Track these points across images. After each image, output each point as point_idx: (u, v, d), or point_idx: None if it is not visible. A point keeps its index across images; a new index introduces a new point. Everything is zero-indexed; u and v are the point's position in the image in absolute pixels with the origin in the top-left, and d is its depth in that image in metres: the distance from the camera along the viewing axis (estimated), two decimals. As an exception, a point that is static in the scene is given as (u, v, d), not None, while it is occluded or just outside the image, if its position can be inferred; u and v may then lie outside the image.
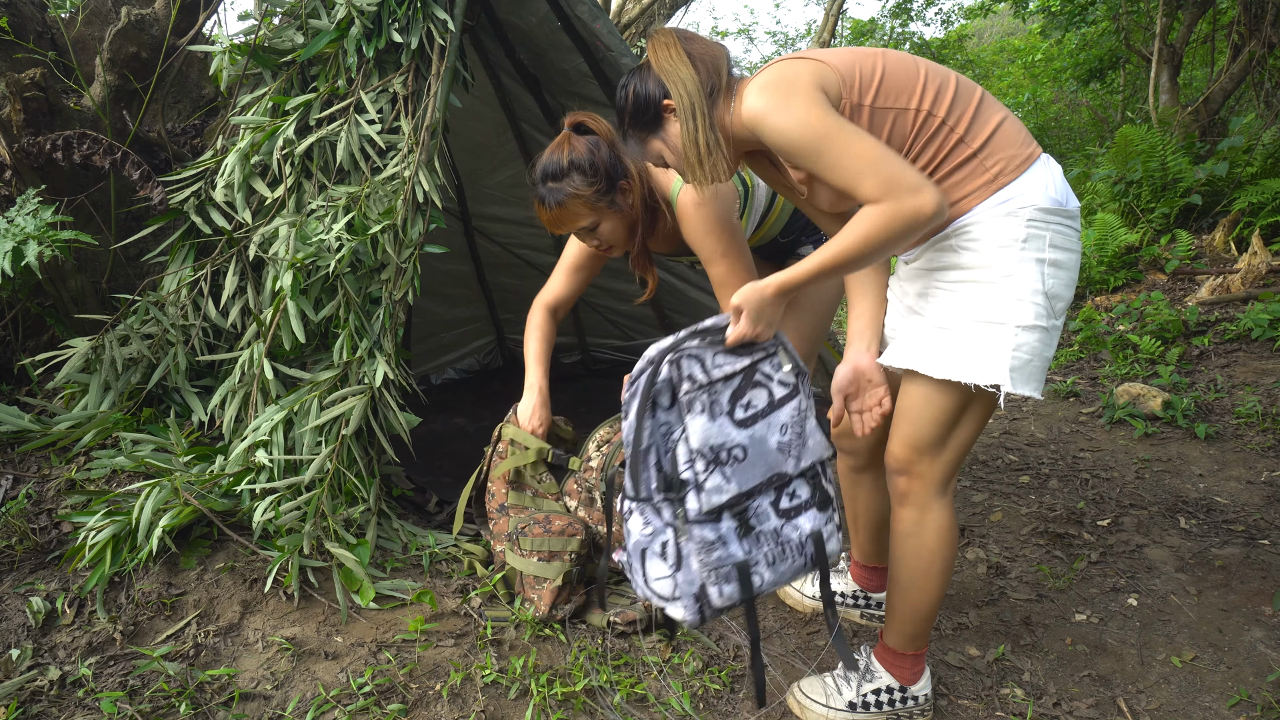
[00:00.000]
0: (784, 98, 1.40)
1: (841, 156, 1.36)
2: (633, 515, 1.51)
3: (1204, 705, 1.73)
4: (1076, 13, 7.78)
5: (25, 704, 1.62)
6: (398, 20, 2.53)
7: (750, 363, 1.51)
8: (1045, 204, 1.44)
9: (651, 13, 9.68)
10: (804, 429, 1.54)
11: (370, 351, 2.32)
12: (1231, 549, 2.32)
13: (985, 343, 1.46)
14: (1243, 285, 4.39)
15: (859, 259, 1.40)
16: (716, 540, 1.45)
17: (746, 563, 1.46)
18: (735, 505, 1.48)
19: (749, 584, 1.46)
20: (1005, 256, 1.44)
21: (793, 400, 1.53)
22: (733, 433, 1.48)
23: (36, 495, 2.21)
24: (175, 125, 2.95)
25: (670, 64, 1.51)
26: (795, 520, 1.52)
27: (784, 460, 1.52)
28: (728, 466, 1.46)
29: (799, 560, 1.52)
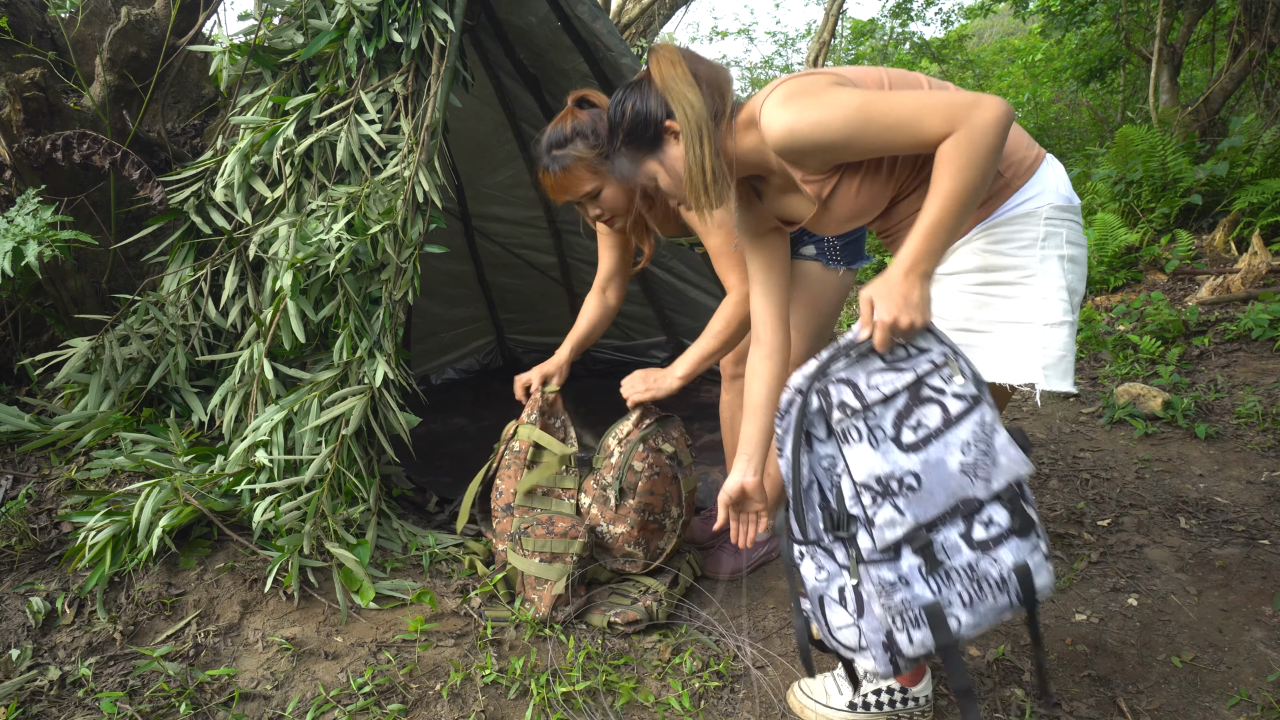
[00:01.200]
0: (811, 99, 1.38)
1: (889, 117, 1.33)
2: (804, 560, 1.39)
3: (1204, 705, 1.73)
4: (1076, 13, 7.77)
5: (25, 704, 1.62)
6: (398, 20, 2.53)
7: (915, 378, 1.35)
8: (1059, 201, 1.46)
9: (651, 13, 9.68)
10: (991, 445, 1.34)
11: (370, 351, 2.32)
12: (1232, 549, 2.32)
13: (1017, 343, 1.45)
14: (1243, 285, 4.39)
15: (972, 193, 1.31)
16: (898, 581, 1.30)
17: (938, 604, 1.29)
18: (916, 540, 1.31)
19: (944, 628, 1.29)
20: (1029, 256, 1.45)
21: (973, 413, 1.34)
22: (901, 459, 1.32)
23: (36, 495, 2.21)
24: (175, 125, 2.95)
25: (676, 84, 1.46)
26: (993, 552, 1.32)
27: (970, 484, 1.33)
28: (900, 497, 1.30)
29: (1001, 599, 1.32)
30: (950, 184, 1.29)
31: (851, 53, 13.68)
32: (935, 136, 1.31)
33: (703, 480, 2.78)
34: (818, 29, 10.85)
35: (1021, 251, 1.46)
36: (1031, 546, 1.33)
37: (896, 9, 12.56)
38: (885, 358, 1.36)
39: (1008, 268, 1.46)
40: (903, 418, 1.33)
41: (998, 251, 1.47)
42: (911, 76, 1.50)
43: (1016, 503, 1.35)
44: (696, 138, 1.45)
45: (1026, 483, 1.37)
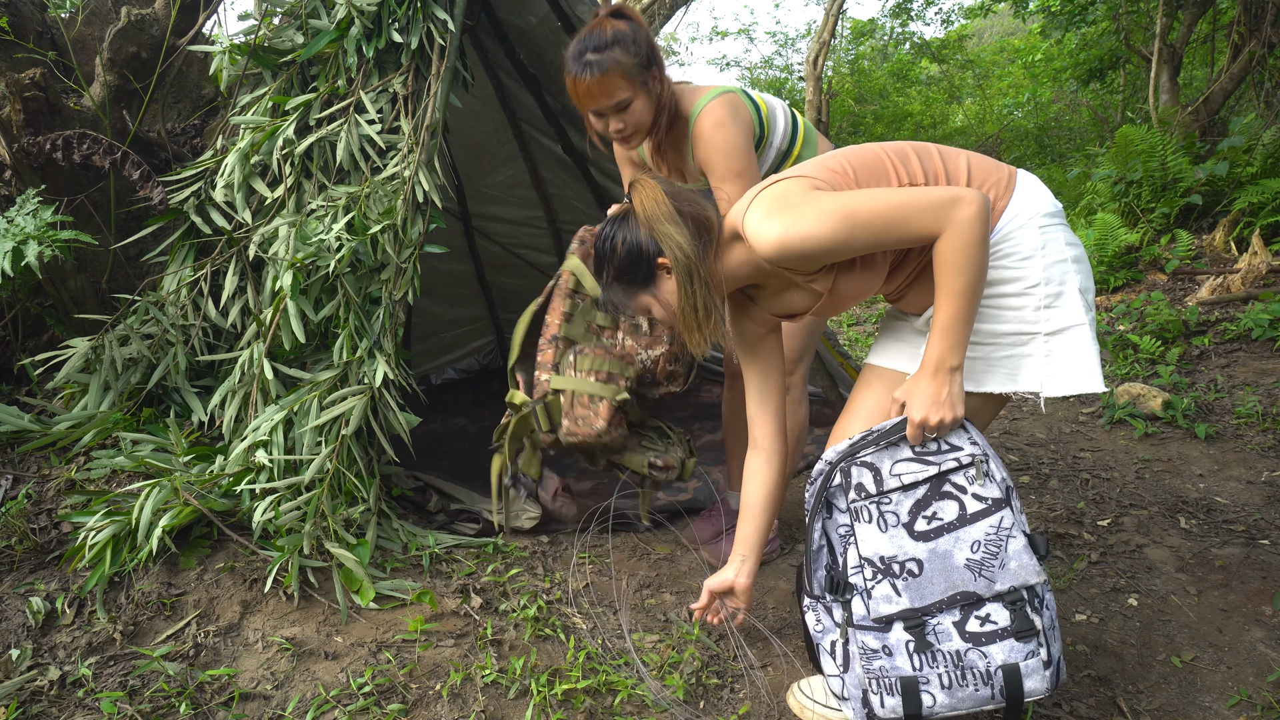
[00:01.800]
0: (794, 211, 1.42)
1: (876, 222, 1.40)
2: (808, 611, 1.54)
3: (1204, 705, 1.73)
4: (1076, 13, 7.78)
5: (25, 704, 1.62)
6: (398, 20, 2.53)
7: (938, 472, 1.45)
8: (1046, 209, 1.51)
9: (652, 13, 9.68)
10: (1003, 549, 1.43)
11: (370, 351, 2.32)
12: (1231, 549, 2.32)
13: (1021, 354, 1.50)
14: (1243, 285, 4.39)
15: (975, 287, 1.40)
16: (880, 650, 1.42)
17: (914, 679, 1.40)
18: (909, 619, 1.42)
19: (915, 700, 1.39)
20: (1030, 267, 1.49)
21: (990, 516, 1.43)
22: (908, 545, 1.43)
23: (36, 495, 2.21)
24: (175, 125, 2.95)
25: (661, 225, 1.51)
26: (984, 647, 1.40)
27: (972, 579, 1.42)
28: (900, 579, 1.42)
29: (984, 690, 1.39)
30: (954, 282, 1.39)
31: (851, 53, 13.69)
32: (924, 235, 1.40)
33: (702, 480, 2.78)
34: (818, 29, 10.85)
35: (1023, 264, 1.49)
36: (1029, 651, 1.39)
37: (896, 9, 12.57)
38: (915, 449, 1.46)
39: (1011, 280, 1.50)
40: (920, 507, 1.44)
41: (1000, 267, 1.50)
42: (872, 159, 1.54)
43: (1020, 607, 1.41)
44: (687, 278, 1.51)
45: (1046, 588, 1.44)
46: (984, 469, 1.45)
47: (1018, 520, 1.44)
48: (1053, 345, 1.49)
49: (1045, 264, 1.48)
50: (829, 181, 1.49)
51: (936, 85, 13.20)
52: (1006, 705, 1.39)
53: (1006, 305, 1.51)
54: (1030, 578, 1.41)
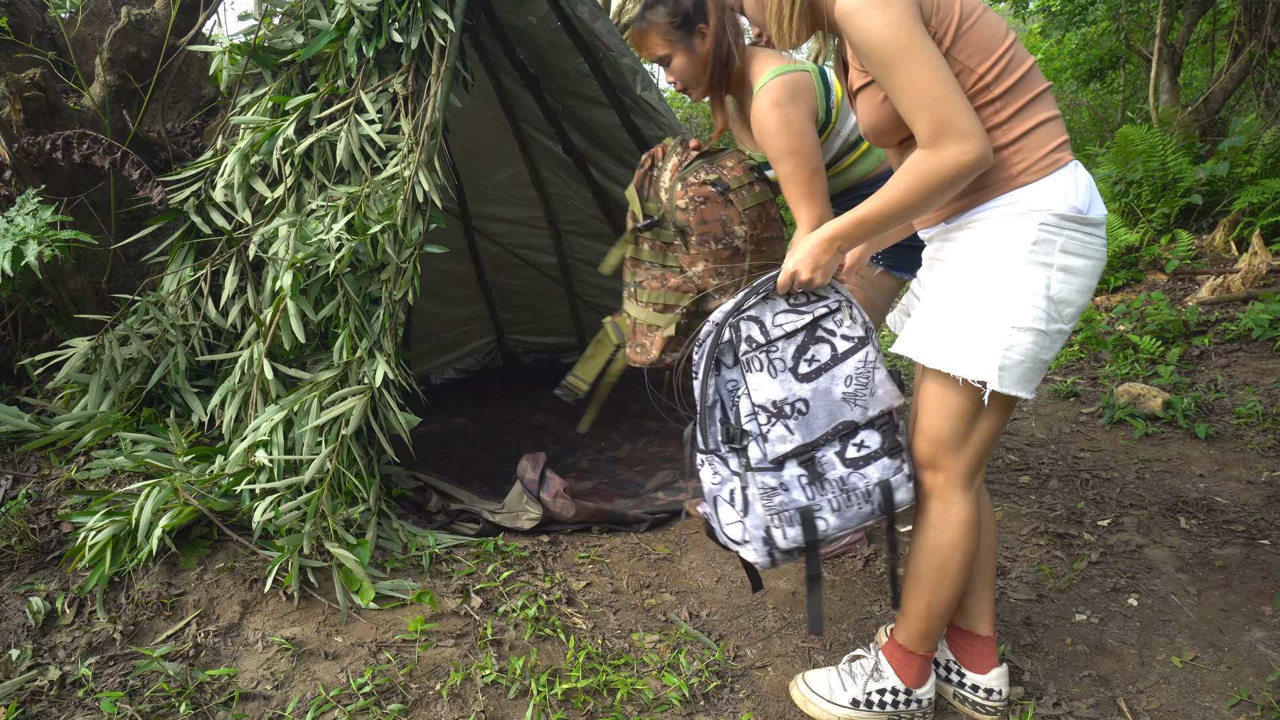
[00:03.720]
0: (883, 6, 1.35)
1: (910, 81, 1.35)
2: (704, 467, 1.62)
3: (1204, 705, 1.73)
4: (1076, 13, 7.77)
5: (25, 704, 1.62)
6: (398, 20, 2.53)
7: (811, 319, 1.59)
8: (1063, 210, 1.42)
9: (651, 13, 9.66)
10: (871, 380, 1.59)
11: (370, 351, 2.32)
12: (1232, 549, 2.32)
13: (978, 339, 1.46)
14: (1243, 285, 4.39)
15: (906, 209, 1.42)
16: (778, 486, 1.54)
17: (809, 508, 1.54)
18: (801, 455, 1.55)
19: (812, 527, 1.53)
20: (1011, 257, 1.44)
21: (858, 352, 1.58)
22: (795, 386, 1.56)
23: (36, 495, 2.21)
24: (175, 125, 2.95)
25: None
26: (863, 469, 1.56)
27: (849, 410, 1.57)
28: (791, 419, 1.55)
29: (865, 507, 1.56)
30: (894, 192, 1.42)
31: (851, 53, 13.68)
32: (918, 131, 1.37)
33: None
34: (818, 29, 10.84)
35: (1007, 251, 1.45)
36: (896, 467, 1.58)
37: (896, 9, 12.56)
38: (789, 300, 1.60)
39: (990, 264, 1.46)
40: (801, 352, 1.58)
41: (985, 246, 1.47)
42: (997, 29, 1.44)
43: (889, 429, 1.59)
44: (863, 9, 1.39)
45: (902, 412, 1.62)
46: (849, 313, 1.60)
47: (879, 354, 1.60)
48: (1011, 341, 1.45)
49: (1027, 260, 1.43)
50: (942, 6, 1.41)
51: (936, 85, 13.18)
52: (886, 518, 1.59)
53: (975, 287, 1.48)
54: (894, 401, 1.59)
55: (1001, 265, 1.45)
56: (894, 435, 1.59)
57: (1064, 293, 1.45)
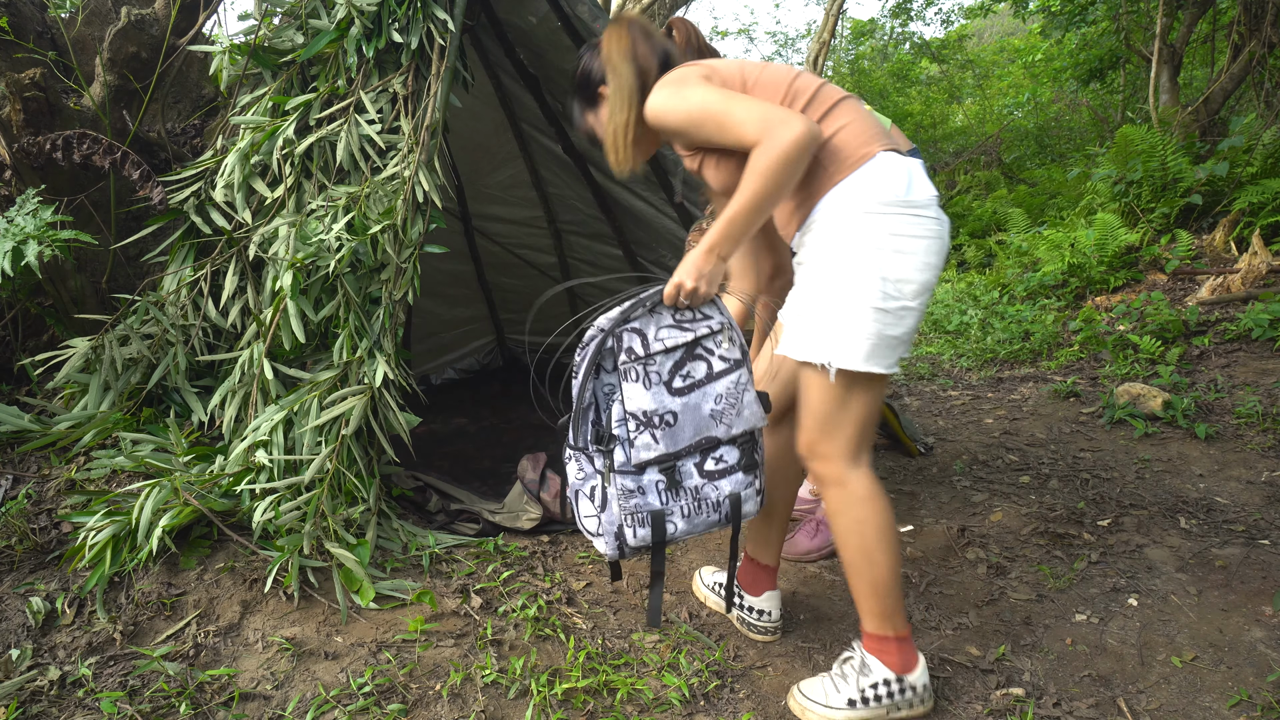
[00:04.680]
0: (677, 88, 1.64)
1: (727, 117, 1.56)
2: (571, 461, 1.70)
3: (1204, 705, 1.73)
4: (1076, 13, 7.78)
5: (25, 704, 1.62)
6: (398, 20, 2.53)
7: (694, 338, 1.66)
8: (885, 196, 1.57)
9: (652, 12, 9.67)
10: (740, 401, 1.67)
11: (370, 351, 2.32)
12: (1232, 549, 2.32)
13: (824, 323, 1.60)
14: (1243, 285, 4.39)
15: (763, 198, 1.55)
16: (636, 490, 1.63)
17: (662, 513, 1.64)
18: (663, 463, 1.64)
19: (661, 529, 1.64)
20: (838, 244, 1.58)
21: (732, 374, 1.67)
22: (667, 400, 1.64)
23: (36, 495, 2.21)
24: (175, 125, 2.95)
25: (613, 57, 1.72)
26: (717, 482, 1.67)
27: (715, 426, 1.66)
28: (658, 430, 1.63)
29: (714, 516, 1.67)
30: (751, 184, 1.53)
31: (851, 52, 13.69)
32: (750, 140, 1.54)
33: None
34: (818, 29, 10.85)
35: (832, 239, 1.59)
36: (748, 482, 1.68)
37: (896, 9, 12.57)
38: (675, 316, 1.66)
39: (821, 253, 1.61)
40: (678, 368, 1.66)
41: (823, 241, 1.61)
42: (780, 74, 1.67)
43: (749, 447, 1.68)
44: (618, 106, 1.72)
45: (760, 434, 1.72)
46: (729, 335, 1.68)
47: (751, 377, 1.68)
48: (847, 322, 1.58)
49: (855, 244, 1.57)
50: (720, 79, 1.65)
51: (936, 85, 13.19)
52: (732, 528, 1.70)
53: (812, 278, 1.62)
54: (758, 422, 1.68)
55: (837, 254, 1.59)
56: (752, 453, 1.68)
57: (899, 271, 1.57)
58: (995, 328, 5.02)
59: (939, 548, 2.44)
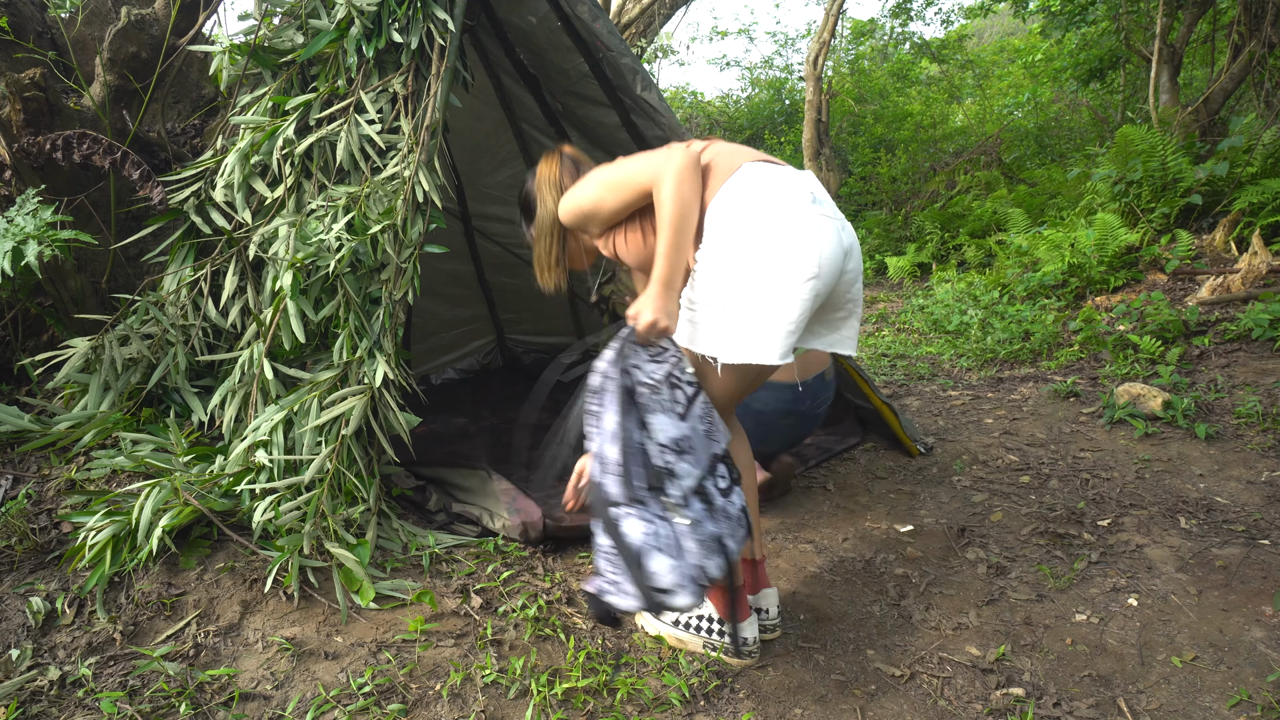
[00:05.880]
0: (574, 189, 1.90)
1: (621, 177, 1.79)
2: (628, 519, 1.55)
3: (1204, 705, 1.73)
4: (1076, 13, 7.77)
5: (25, 704, 1.62)
6: (398, 20, 2.53)
7: (670, 368, 1.73)
8: (741, 203, 1.71)
9: (652, 13, 9.68)
10: (714, 417, 1.78)
11: (370, 351, 2.32)
12: (1232, 549, 2.32)
13: (697, 320, 1.74)
14: (1243, 285, 4.39)
15: (681, 217, 1.71)
16: (694, 522, 1.61)
17: (720, 534, 1.64)
18: (699, 490, 1.67)
19: (724, 552, 1.64)
20: (709, 249, 1.73)
21: (701, 395, 1.77)
22: (683, 426, 1.69)
23: (36, 495, 2.21)
24: (175, 125, 2.95)
25: (541, 186, 2.03)
26: (729, 497, 1.72)
27: (713, 445, 1.74)
28: (687, 455, 1.66)
29: (741, 530, 1.71)
30: (663, 215, 1.70)
31: (851, 52, 13.69)
32: (646, 186, 1.74)
33: None
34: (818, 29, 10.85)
35: (706, 246, 1.74)
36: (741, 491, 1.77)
37: (896, 9, 12.57)
38: (648, 352, 1.73)
39: (700, 259, 1.75)
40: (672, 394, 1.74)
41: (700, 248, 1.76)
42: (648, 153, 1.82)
43: (729, 460, 1.77)
44: (542, 232, 2.02)
45: None
46: (684, 361, 1.79)
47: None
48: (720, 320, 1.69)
49: (720, 248, 1.70)
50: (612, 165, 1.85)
51: (936, 85, 13.19)
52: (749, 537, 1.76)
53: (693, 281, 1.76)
54: (730, 435, 1.81)
55: (705, 259, 1.73)
56: (733, 466, 1.77)
57: (767, 266, 1.66)
58: (995, 328, 5.02)
59: (939, 548, 2.44)
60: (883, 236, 8.98)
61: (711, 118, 13.65)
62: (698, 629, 1.91)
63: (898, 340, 5.45)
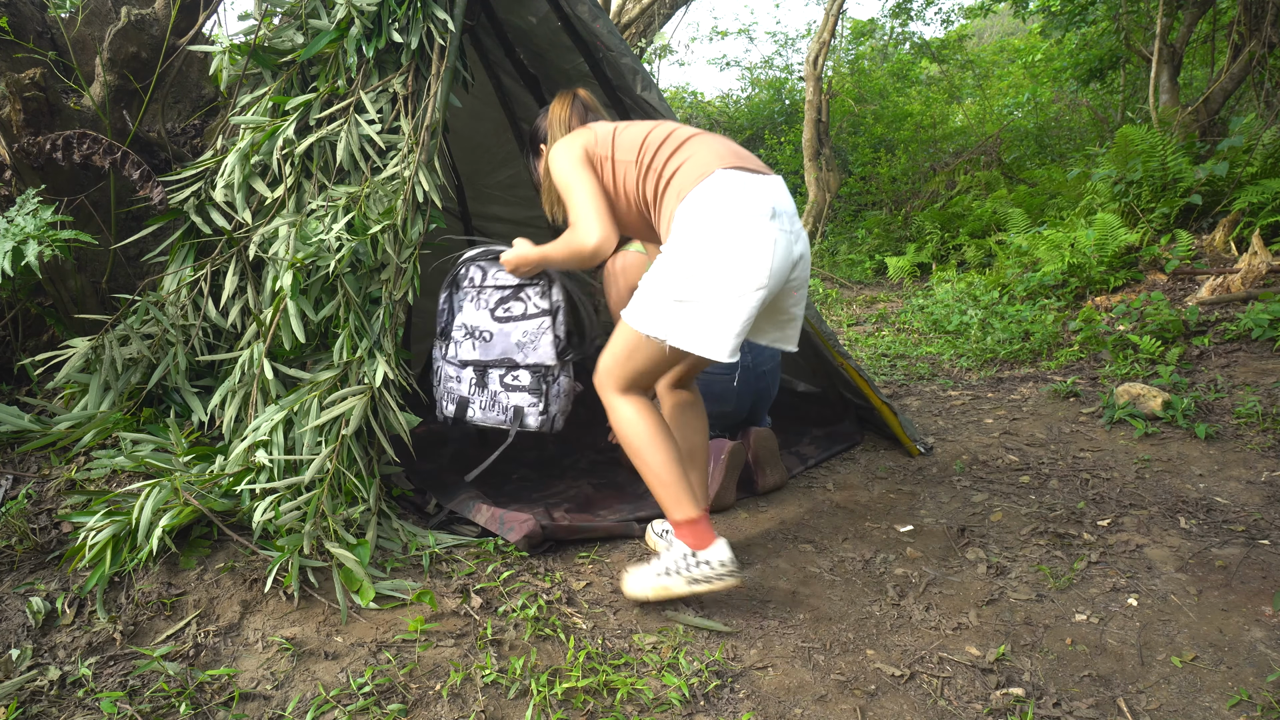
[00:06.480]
0: (560, 155, 2.12)
1: (568, 198, 2.08)
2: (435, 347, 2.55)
3: (1204, 705, 1.73)
4: (1076, 13, 7.77)
5: (25, 704, 1.62)
6: (398, 20, 2.53)
7: (518, 284, 2.43)
8: (712, 206, 1.92)
9: (652, 13, 9.68)
10: (538, 340, 2.41)
11: (370, 351, 2.32)
12: (1232, 549, 2.32)
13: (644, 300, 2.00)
14: (1243, 285, 4.39)
15: (555, 263, 2.25)
16: (454, 378, 2.47)
17: (466, 399, 2.46)
18: (478, 365, 2.44)
19: (464, 409, 2.47)
20: (673, 244, 1.96)
21: (538, 319, 2.41)
22: (488, 322, 2.44)
23: (36, 495, 2.21)
24: (175, 125, 2.95)
25: (553, 125, 2.28)
26: (509, 393, 2.43)
27: (516, 352, 2.42)
28: (476, 340, 2.45)
29: (502, 416, 2.44)
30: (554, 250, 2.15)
31: (851, 52, 13.69)
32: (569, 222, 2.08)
33: None
34: (818, 29, 10.85)
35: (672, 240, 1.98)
36: (533, 403, 2.43)
37: (896, 9, 12.56)
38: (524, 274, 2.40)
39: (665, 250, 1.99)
40: (503, 302, 2.44)
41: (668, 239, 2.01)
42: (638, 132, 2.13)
43: (541, 377, 2.42)
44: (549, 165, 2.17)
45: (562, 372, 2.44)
46: (548, 291, 2.43)
47: (555, 328, 2.41)
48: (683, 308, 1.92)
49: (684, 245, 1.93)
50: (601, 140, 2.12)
51: (936, 85, 13.19)
52: (514, 425, 2.44)
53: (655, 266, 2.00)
54: (548, 360, 2.41)
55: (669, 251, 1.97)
56: (541, 383, 2.40)
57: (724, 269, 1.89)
58: (995, 328, 5.02)
59: (939, 548, 2.44)
60: (883, 236, 8.98)
61: (711, 118, 13.65)
62: (677, 571, 2.00)
63: (898, 340, 5.45)
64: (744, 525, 2.63)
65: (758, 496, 2.84)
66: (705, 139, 2.05)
